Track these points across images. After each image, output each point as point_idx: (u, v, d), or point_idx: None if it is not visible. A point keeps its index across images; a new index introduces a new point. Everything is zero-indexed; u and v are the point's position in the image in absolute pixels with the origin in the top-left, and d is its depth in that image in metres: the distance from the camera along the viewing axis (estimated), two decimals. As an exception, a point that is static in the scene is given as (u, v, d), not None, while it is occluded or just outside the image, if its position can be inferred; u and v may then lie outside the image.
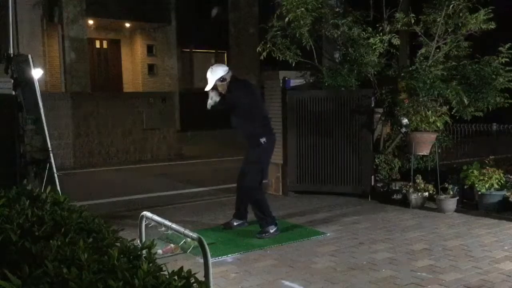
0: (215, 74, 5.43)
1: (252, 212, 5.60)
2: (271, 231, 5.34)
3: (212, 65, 5.70)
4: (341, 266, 4.38)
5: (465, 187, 6.45)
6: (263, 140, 5.38)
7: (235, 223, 5.71)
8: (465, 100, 7.04)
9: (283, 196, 7.50)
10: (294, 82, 7.60)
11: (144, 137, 12.70)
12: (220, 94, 5.47)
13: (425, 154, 6.92)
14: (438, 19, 7.11)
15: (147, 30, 16.46)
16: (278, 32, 7.36)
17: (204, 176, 9.80)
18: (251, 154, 5.52)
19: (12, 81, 5.73)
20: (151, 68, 16.70)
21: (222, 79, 5.42)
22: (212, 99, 5.47)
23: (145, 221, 3.16)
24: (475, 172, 6.29)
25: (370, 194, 7.09)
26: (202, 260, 2.61)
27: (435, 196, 6.41)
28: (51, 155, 5.54)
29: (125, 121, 12.46)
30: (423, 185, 6.57)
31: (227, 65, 5.77)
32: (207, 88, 5.49)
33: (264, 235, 5.30)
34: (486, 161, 6.64)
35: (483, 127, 8.29)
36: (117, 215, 6.40)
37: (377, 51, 7.18)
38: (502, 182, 6.24)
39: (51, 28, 14.84)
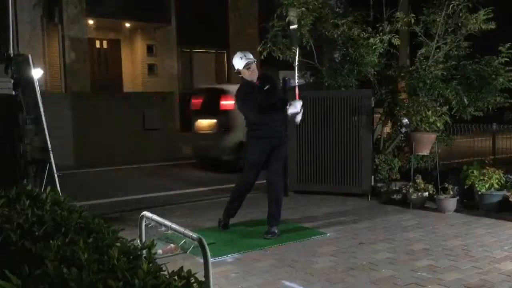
0: (250, 56, 5.36)
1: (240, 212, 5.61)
2: (276, 231, 5.34)
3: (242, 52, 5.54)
4: (341, 266, 4.38)
5: (465, 187, 6.44)
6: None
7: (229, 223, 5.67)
8: (465, 100, 7.06)
9: (283, 196, 7.48)
10: (294, 82, 7.60)
11: (144, 137, 12.68)
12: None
13: (425, 154, 6.92)
14: (438, 19, 7.12)
15: (147, 30, 16.44)
16: (279, 32, 7.37)
17: (204, 176, 9.80)
18: (283, 149, 5.50)
19: (12, 81, 5.74)
20: (151, 68, 16.67)
21: (238, 71, 5.38)
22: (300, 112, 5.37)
23: (145, 221, 3.16)
24: (475, 172, 6.29)
25: (370, 194, 7.09)
26: (202, 260, 2.61)
27: (435, 196, 6.41)
28: (51, 155, 5.54)
29: (125, 121, 12.45)
30: (423, 185, 6.56)
31: (227, 65, 5.73)
32: (240, 66, 5.34)
33: (270, 235, 5.29)
34: (486, 161, 6.64)
35: (483, 127, 8.30)
36: (117, 215, 6.40)
37: (377, 51, 7.19)
38: (502, 182, 6.24)
39: (51, 28, 14.82)
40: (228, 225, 5.66)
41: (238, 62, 5.36)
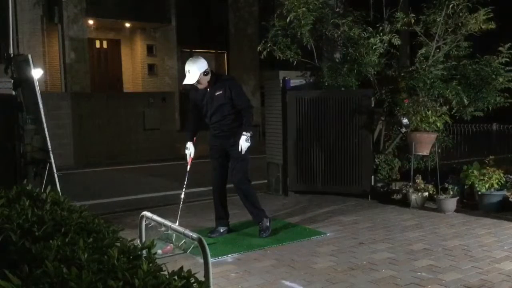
0: (200, 66, 5.10)
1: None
2: (268, 224, 5.35)
3: (190, 58, 5.37)
4: (341, 266, 4.38)
5: (465, 187, 6.45)
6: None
7: (221, 230, 5.51)
8: (465, 100, 7.05)
9: (283, 196, 7.50)
10: (294, 82, 7.60)
11: (144, 137, 12.69)
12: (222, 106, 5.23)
13: (425, 154, 6.92)
14: (438, 19, 7.11)
15: (147, 30, 16.45)
16: (279, 32, 7.37)
17: (204, 176, 9.79)
18: (235, 149, 5.23)
19: (12, 81, 5.74)
20: (151, 68, 16.68)
21: (206, 72, 5.15)
22: (247, 142, 5.16)
23: (145, 221, 3.16)
24: (475, 172, 6.29)
25: (370, 194, 7.09)
26: (202, 260, 2.61)
27: (435, 196, 6.41)
28: (51, 155, 5.54)
29: (125, 121, 12.46)
30: (423, 185, 6.57)
31: (227, 65, 5.69)
32: (191, 81, 5.14)
33: (264, 233, 5.30)
34: (486, 161, 6.64)
35: (483, 127, 8.29)
36: (117, 215, 6.41)
37: (377, 51, 7.18)
38: (502, 182, 6.24)
39: (51, 28, 14.83)
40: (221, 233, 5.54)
41: (205, 65, 5.18)
